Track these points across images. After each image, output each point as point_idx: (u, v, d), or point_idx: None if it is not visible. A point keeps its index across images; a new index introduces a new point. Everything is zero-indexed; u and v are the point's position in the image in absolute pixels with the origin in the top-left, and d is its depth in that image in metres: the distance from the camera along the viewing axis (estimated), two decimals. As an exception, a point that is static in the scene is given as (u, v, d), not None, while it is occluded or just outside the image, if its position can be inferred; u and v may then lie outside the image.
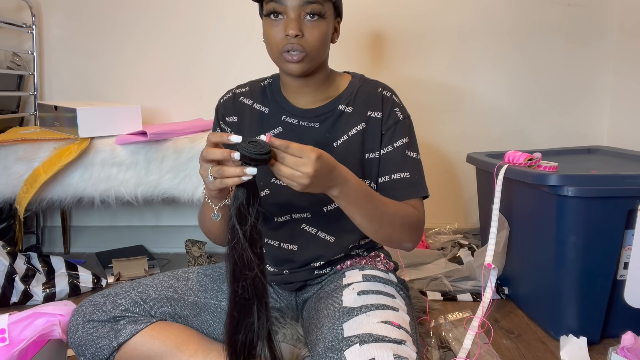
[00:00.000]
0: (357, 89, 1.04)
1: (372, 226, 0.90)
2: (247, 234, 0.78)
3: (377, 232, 0.92)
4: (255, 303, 0.80)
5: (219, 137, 0.79)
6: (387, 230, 0.93)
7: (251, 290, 0.79)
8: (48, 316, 0.95)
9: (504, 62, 2.07)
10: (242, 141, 0.76)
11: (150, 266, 1.81)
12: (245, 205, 0.78)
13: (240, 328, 0.80)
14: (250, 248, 0.78)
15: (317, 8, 0.91)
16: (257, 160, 0.75)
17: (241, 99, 1.08)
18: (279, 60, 0.95)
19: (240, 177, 0.76)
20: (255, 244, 0.79)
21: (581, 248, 1.27)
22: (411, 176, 1.01)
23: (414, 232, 0.97)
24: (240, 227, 0.77)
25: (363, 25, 2.01)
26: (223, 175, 0.77)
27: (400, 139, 1.02)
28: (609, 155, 1.77)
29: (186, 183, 1.64)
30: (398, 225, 0.93)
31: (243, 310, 0.80)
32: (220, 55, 2.02)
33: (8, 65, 1.91)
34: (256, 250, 0.79)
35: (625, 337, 1.09)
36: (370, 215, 0.89)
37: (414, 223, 0.97)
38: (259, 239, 0.80)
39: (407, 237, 0.96)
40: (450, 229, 2.12)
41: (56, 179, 1.59)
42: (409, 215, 0.96)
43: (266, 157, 0.76)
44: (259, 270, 0.79)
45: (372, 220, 0.90)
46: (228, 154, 0.76)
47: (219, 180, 0.77)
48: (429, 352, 1.25)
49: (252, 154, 0.75)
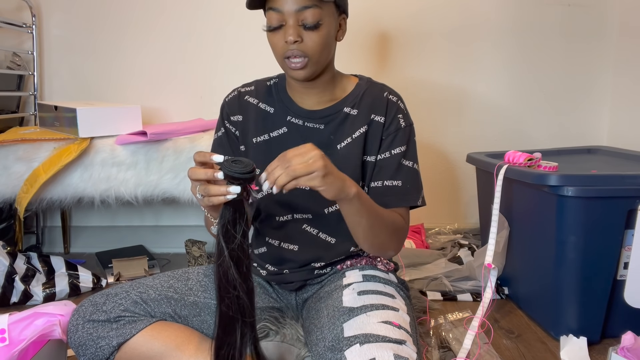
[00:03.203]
0: (363, 91, 1.04)
1: (372, 231, 0.91)
2: (233, 252, 0.77)
3: (373, 238, 0.93)
4: (240, 321, 0.79)
5: (203, 156, 0.79)
6: (382, 237, 0.94)
7: (235, 308, 0.79)
8: (48, 316, 0.95)
9: (504, 62, 2.07)
10: (225, 160, 0.77)
11: (150, 266, 1.81)
12: (232, 224, 0.78)
13: (223, 344, 0.80)
14: (235, 267, 0.77)
15: (314, 13, 0.91)
16: (240, 179, 0.76)
17: (246, 98, 1.08)
18: (284, 66, 0.96)
19: (225, 196, 0.76)
20: (240, 263, 0.78)
21: (581, 248, 1.27)
22: (403, 185, 1.01)
23: (400, 240, 1.00)
24: (225, 246, 0.77)
25: (367, 27, 2.02)
26: (209, 194, 0.77)
27: (398, 147, 1.02)
28: (609, 155, 1.77)
29: (186, 183, 1.64)
30: (390, 232, 0.95)
31: (227, 327, 0.80)
32: (220, 56, 2.02)
33: (8, 65, 1.91)
34: (241, 269, 0.78)
35: (625, 337, 1.09)
36: (373, 219, 0.90)
37: (400, 231, 0.99)
38: (244, 258, 0.79)
39: (394, 245, 0.99)
40: (450, 229, 2.12)
41: (56, 179, 1.59)
42: (397, 222, 0.98)
43: (249, 176, 0.76)
44: (243, 290, 0.78)
45: (373, 225, 0.91)
46: (212, 173, 0.77)
47: (207, 199, 0.78)
48: (429, 352, 1.25)
49: (234, 172, 0.75)
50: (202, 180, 0.79)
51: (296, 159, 0.77)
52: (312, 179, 0.77)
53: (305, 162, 0.77)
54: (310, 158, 0.77)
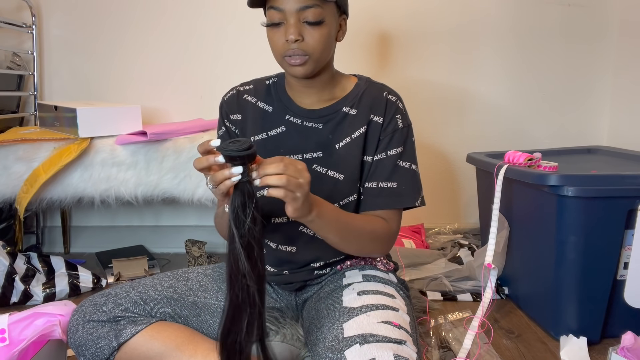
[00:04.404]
0: (362, 91, 1.04)
1: (343, 242, 0.95)
2: (244, 239, 0.77)
3: (347, 247, 0.97)
4: (248, 310, 0.79)
5: (203, 146, 0.80)
6: (357, 245, 0.97)
7: (244, 296, 0.78)
8: (48, 316, 0.95)
9: (504, 62, 2.07)
10: (223, 143, 0.77)
11: (150, 266, 1.81)
12: (241, 208, 0.77)
13: (230, 333, 0.80)
14: (246, 255, 0.77)
15: (316, 12, 0.91)
16: (239, 157, 0.75)
17: (245, 97, 1.08)
18: (283, 64, 0.96)
19: (230, 179, 0.76)
20: (251, 250, 0.78)
21: (581, 248, 1.27)
22: (398, 187, 1.01)
23: (383, 243, 1.01)
24: (236, 231, 0.77)
25: (368, 26, 2.01)
26: (216, 181, 0.78)
27: (395, 148, 1.02)
28: (609, 155, 1.77)
29: (186, 183, 1.64)
30: (367, 239, 0.98)
31: (235, 315, 0.79)
32: (221, 55, 2.02)
33: (8, 65, 1.91)
34: (253, 257, 0.78)
35: (625, 337, 1.09)
36: (341, 233, 0.93)
37: (382, 235, 1.00)
38: (255, 245, 0.78)
39: (378, 248, 1.01)
40: (450, 229, 2.12)
41: (56, 179, 1.59)
42: (376, 229, 0.99)
43: (248, 152, 0.75)
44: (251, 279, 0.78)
45: (343, 237, 0.94)
46: (213, 158, 0.77)
47: (217, 189, 0.78)
48: (429, 352, 1.25)
49: (231, 151, 0.75)
50: (206, 169, 0.79)
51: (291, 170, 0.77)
52: (294, 199, 0.79)
53: (297, 180, 0.78)
54: (301, 178, 0.79)
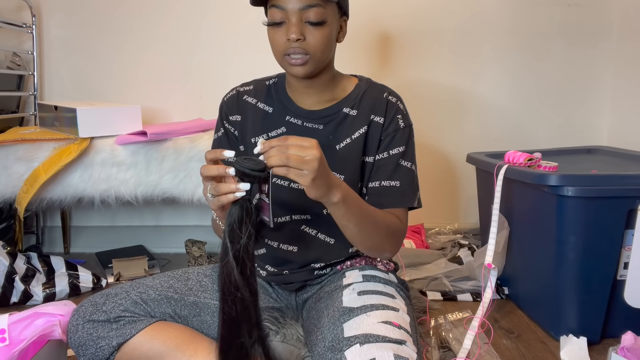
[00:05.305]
0: (363, 92, 1.04)
1: (362, 234, 0.91)
2: (237, 253, 0.77)
3: (365, 241, 0.93)
4: (245, 323, 0.79)
5: (214, 154, 0.80)
6: (374, 239, 0.94)
7: (239, 309, 0.78)
8: (48, 316, 0.95)
9: (504, 62, 2.07)
10: (238, 157, 0.77)
11: (150, 266, 1.81)
12: (238, 224, 0.77)
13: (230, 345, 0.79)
14: (239, 269, 0.77)
15: (318, 12, 0.90)
16: (251, 176, 0.76)
17: (245, 98, 1.08)
18: (283, 63, 0.96)
19: (234, 193, 0.76)
20: (244, 265, 0.78)
21: (581, 248, 1.27)
22: (401, 185, 1.01)
23: (396, 241, 0.99)
24: (230, 246, 0.77)
25: (368, 26, 2.01)
26: (219, 192, 0.77)
27: (397, 147, 1.02)
28: (609, 155, 1.77)
29: (186, 183, 1.64)
30: (384, 234, 0.95)
31: (231, 328, 0.79)
32: (220, 55, 2.02)
33: (8, 65, 1.91)
34: (245, 272, 0.78)
35: (625, 337, 1.09)
36: (362, 223, 0.90)
37: (397, 232, 0.98)
38: (248, 261, 0.78)
39: (390, 246, 0.98)
40: (450, 229, 2.12)
41: (56, 179, 1.59)
42: (393, 224, 0.97)
43: (260, 174, 0.76)
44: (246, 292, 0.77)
45: (362, 228, 0.90)
46: (224, 169, 0.77)
47: (217, 199, 0.78)
48: (429, 352, 1.25)
49: (245, 169, 0.75)
50: (213, 178, 0.79)
51: (294, 149, 0.76)
52: (300, 175, 0.77)
53: (301, 157, 0.76)
54: (307, 155, 0.76)
